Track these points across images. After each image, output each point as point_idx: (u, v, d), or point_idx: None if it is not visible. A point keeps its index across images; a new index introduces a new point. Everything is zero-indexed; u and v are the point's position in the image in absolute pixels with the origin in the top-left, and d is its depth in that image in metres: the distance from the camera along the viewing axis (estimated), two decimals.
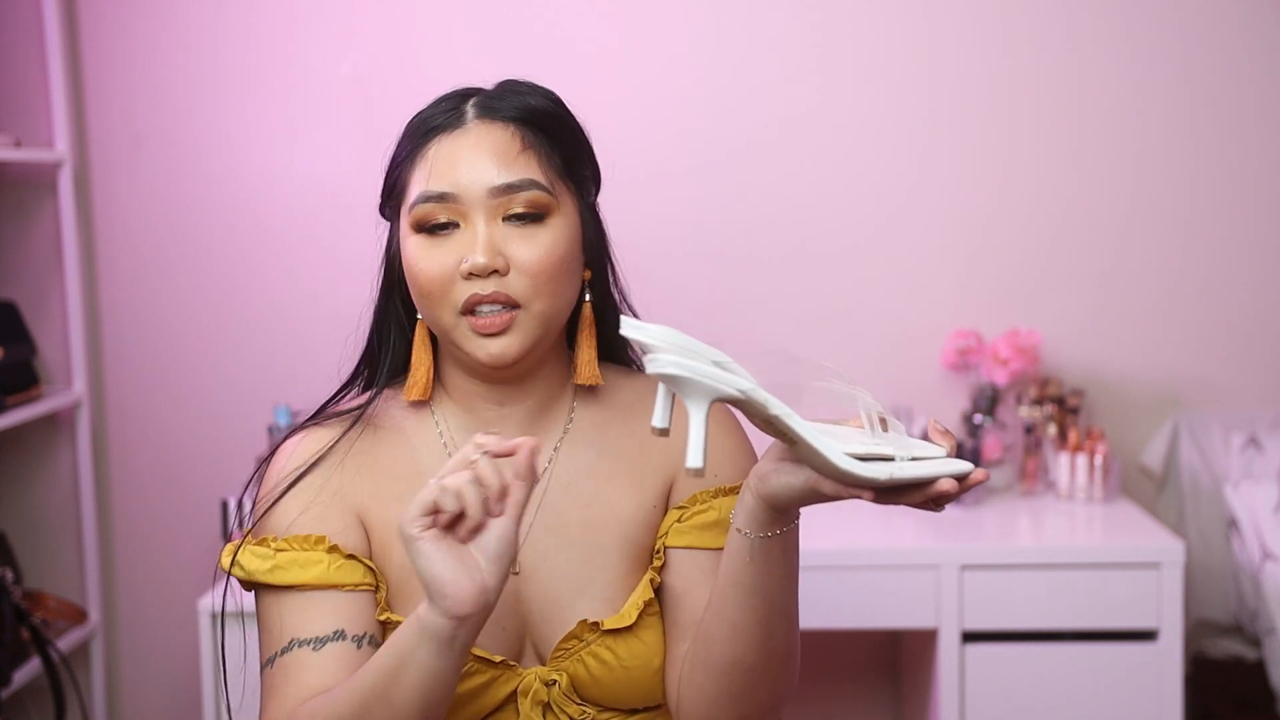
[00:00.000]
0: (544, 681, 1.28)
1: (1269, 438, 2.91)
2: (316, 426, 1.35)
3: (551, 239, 1.26)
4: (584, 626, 1.28)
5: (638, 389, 1.38)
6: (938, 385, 3.01)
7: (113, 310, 3.06)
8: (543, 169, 1.27)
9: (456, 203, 1.25)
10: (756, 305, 3.00)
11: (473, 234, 1.25)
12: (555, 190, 1.28)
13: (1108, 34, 2.97)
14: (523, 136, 1.27)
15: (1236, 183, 2.99)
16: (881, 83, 2.99)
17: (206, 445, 3.05)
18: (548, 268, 1.25)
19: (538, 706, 1.27)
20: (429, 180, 1.26)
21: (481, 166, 1.25)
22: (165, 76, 3.01)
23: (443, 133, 1.28)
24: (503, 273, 1.24)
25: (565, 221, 1.28)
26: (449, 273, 1.24)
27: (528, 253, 1.25)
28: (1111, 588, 2.51)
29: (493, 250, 1.24)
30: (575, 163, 1.32)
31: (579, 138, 1.33)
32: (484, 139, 1.27)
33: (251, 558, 1.27)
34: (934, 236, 3.01)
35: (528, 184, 1.26)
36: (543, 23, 2.98)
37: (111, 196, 3.03)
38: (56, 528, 3.05)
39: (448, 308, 1.25)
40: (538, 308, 1.25)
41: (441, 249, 1.25)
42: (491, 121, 1.28)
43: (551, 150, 1.29)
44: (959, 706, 2.52)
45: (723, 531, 1.29)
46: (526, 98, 1.30)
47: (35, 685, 2.82)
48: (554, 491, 1.32)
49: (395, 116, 1.39)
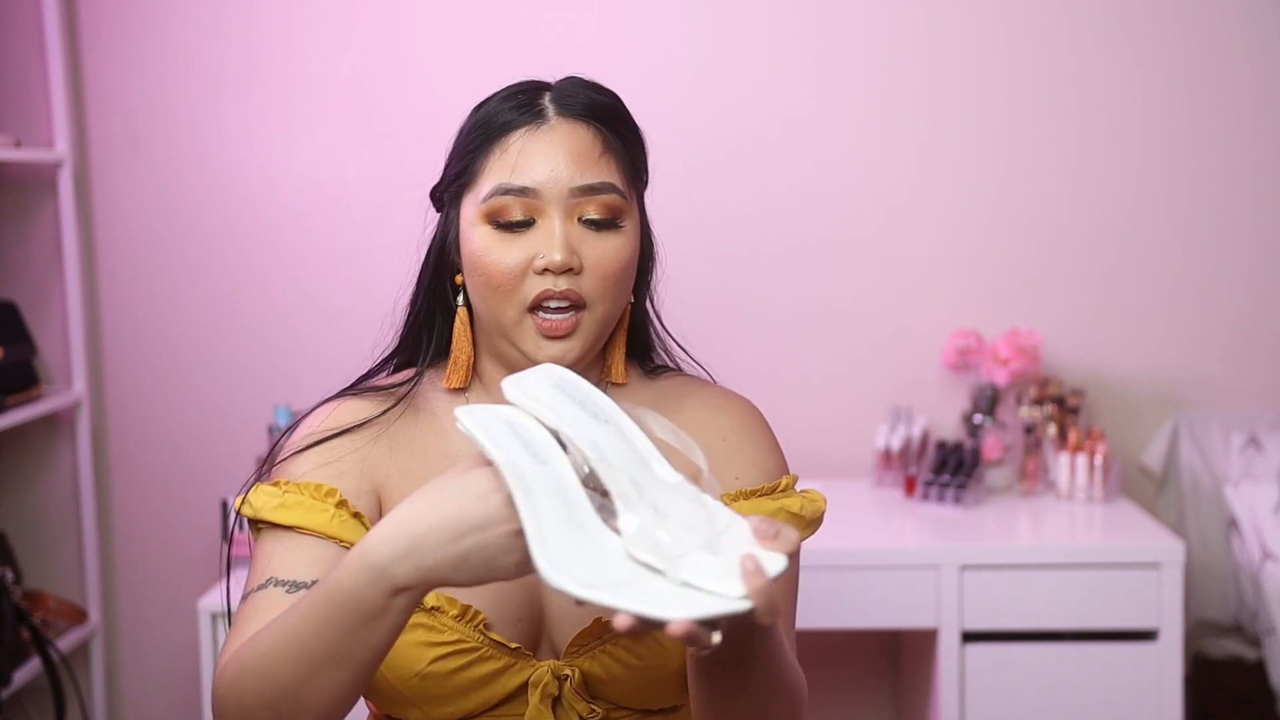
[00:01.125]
0: (556, 676, 1.27)
1: (1269, 438, 2.91)
2: (355, 397, 1.35)
3: (623, 243, 1.27)
4: (600, 624, 1.26)
5: (666, 387, 1.38)
6: (938, 385, 3.01)
7: (113, 310, 3.06)
8: (620, 172, 1.28)
9: (535, 198, 1.25)
10: (756, 305, 3.00)
11: (549, 231, 1.25)
12: (628, 194, 1.29)
13: (1108, 34, 2.97)
14: (603, 138, 1.28)
15: (1236, 183, 2.99)
16: (881, 82, 2.99)
17: (206, 445, 3.05)
18: (617, 271, 1.27)
19: (547, 700, 1.26)
20: (510, 174, 1.26)
21: (563, 165, 1.25)
22: (165, 76, 3.01)
23: (524, 127, 1.28)
24: (576, 272, 1.25)
25: (634, 226, 1.30)
26: (521, 268, 1.25)
27: (601, 255, 1.26)
28: (1111, 588, 2.51)
29: (569, 248, 1.24)
30: (639, 165, 1.33)
31: (641, 140, 1.35)
32: (568, 137, 1.27)
33: (261, 495, 1.26)
34: (934, 236, 3.01)
35: (607, 187, 1.26)
36: (542, 23, 2.98)
37: (111, 196, 3.03)
38: (56, 528, 3.05)
39: (515, 303, 1.25)
40: (600, 310, 1.26)
41: (514, 243, 1.25)
42: (573, 119, 1.28)
43: (624, 153, 1.30)
44: (959, 706, 2.52)
45: None
46: (599, 96, 1.31)
47: (35, 685, 2.82)
48: None
49: (395, 116, 1.39)
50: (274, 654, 1.10)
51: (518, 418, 1.07)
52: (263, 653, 1.11)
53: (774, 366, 3.00)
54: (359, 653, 1.07)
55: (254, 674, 1.11)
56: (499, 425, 1.06)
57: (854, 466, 3.00)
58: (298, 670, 1.08)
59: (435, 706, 1.26)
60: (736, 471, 1.32)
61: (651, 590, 0.97)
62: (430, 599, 1.25)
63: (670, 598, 0.96)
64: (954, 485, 2.78)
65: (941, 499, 2.78)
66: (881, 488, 2.91)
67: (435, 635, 1.24)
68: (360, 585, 1.04)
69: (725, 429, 1.34)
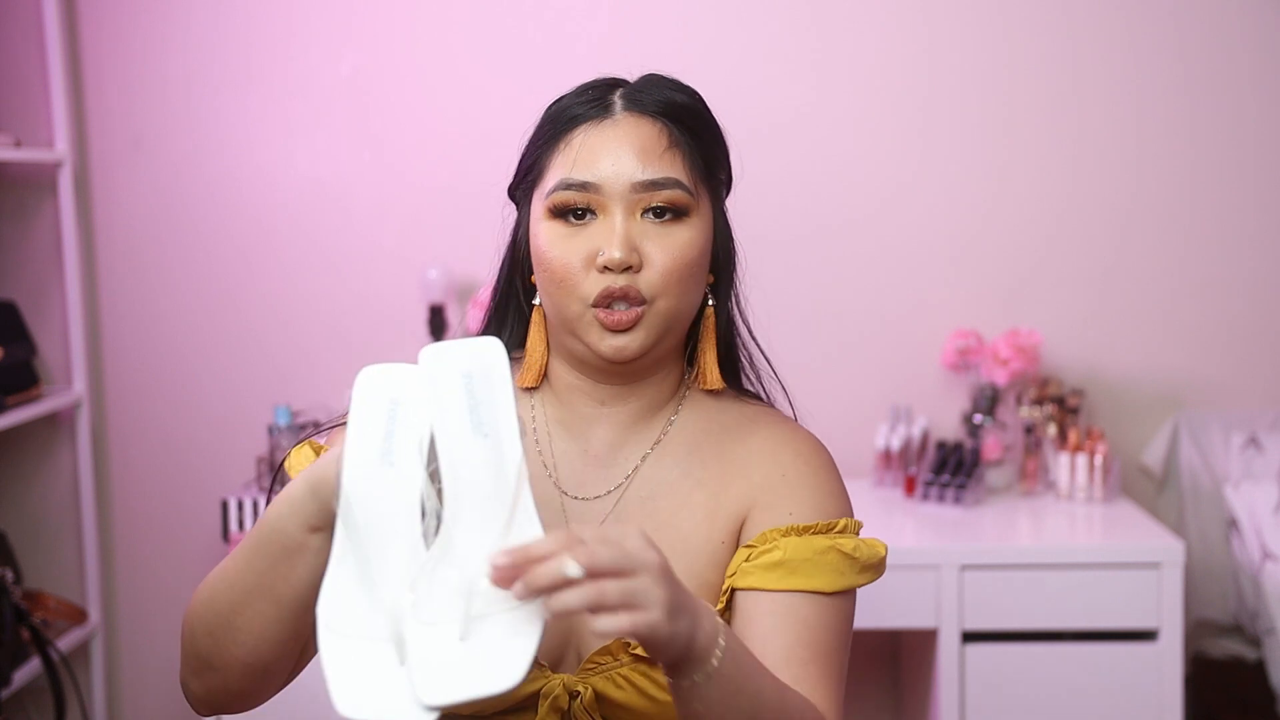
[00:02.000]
0: (568, 691, 1.24)
1: (1269, 438, 2.91)
2: None
3: (687, 239, 1.25)
4: (620, 644, 1.23)
5: (745, 413, 1.35)
6: (938, 385, 3.01)
7: (113, 310, 3.06)
8: (686, 168, 1.26)
9: (597, 193, 1.24)
10: (755, 305, 2.99)
11: (610, 226, 1.23)
12: (696, 191, 1.27)
13: (1107, 34, 2.97)
14: (670, 133, 1.26)
15: (1236, 183, 2.99)
16: (880, 81, 2.99)
17: (206, 445, 3.05)
18: (680, 267, 1.24)
19: (555, 713, 1.23)
20: (572, 168, 1.24)
21: (626, 159, 1.24)
22: (165, 76, 3.01)
23: (589, 122, 1.26)
24: (636, 269, 1.23)
25: (701, 223, 1.27)
26: (582, 262, 1.23)
27: (662, 251, 1.23)
28: (1111, 588, 2.51)
29: (629, 245, 1.22)
30: (715, 164, 1.31)
31: (720, 138, 1.33)
32: (631, 132, 1.25)
33: (299, 455, 1.29)
34: (934, 236, 3.01)
35: (670, 182, 1.24)
36: (540, 22, 2.98)
37: (111, 196, 3.03)
38: (56, 528, 3.05)
39: (577, 298, 1.23)
40: (662, 305, 1.24)
41: (577, 239, 1.24)
42: (640, 115, 1.26)
43: (694, 149, 1.28)
44: (959, 706, 2.52)
45: (789, 573, 1.22)
46: (673, 94, 1.29)
47: (35, 685, 2.82)
48: (630, 503, 1.29)
49: (395, 117, 1.39)
50: (216, 581, 1.16)
51: (407, 401, 1.04)
52: (211, 581, 1.17)
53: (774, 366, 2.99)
54: (281, 588, 1.11)
55: (202, 600, 1.17)
56: (384, 402, 1.04)
57: (854, 466, 2.99)
58: (231, 598, 1.14)
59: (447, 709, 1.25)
60: (791, 508, 1.27)
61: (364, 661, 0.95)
62: None
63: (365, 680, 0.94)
64: (954, 485, 2.78)
65: (941, 499, 2.78)
66: (881, 488, 2.91)
67: None
68: (282, 518, 1.10)
69: (786, 464, 1.30)
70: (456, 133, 2.96)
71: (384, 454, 1.01)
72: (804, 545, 1.23)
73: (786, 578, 1.22)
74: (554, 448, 1.31)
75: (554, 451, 1.31)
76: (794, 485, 1.28)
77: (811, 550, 1.22)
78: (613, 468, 1.30)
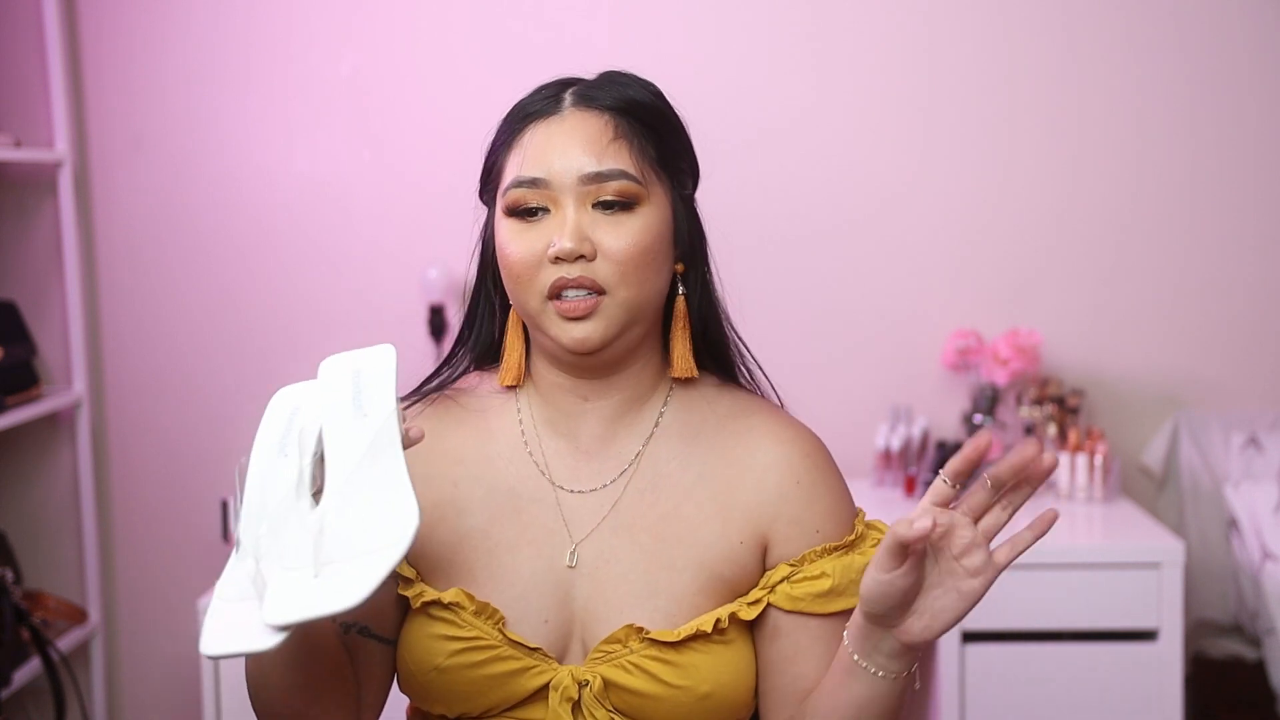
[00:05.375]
0: (577, 680, 1.25)
1: (1269, 438, 2.91)
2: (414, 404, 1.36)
3: (639, 227, 1.26)
4: (629, 631, 1.25)
5: (738, 402, 1.36)
6: (938, 385, 3.01)
7: (113, 310, 3.06)
8: (634, 159, 1.28)
9: (548, 188, 1.26)
10: (755, 305, 2.99)
11: (561, 219, 1.25)
12: (645, 180, 1.28)
13: (1108, 34, 2.97)
14: (616, 126, 1.28)
15: (1236, 183, 2.99)
16: (880, 81, 2.99)
17: (206, 445, 3.05)
18: (634, 255, 1.25)
19: (566, 703, 1.25)
20: (523, 166, 1.27)
21: (573, 154, 1.26)
22: (165, 76, 3.01)
23: (539, 119, 1.29)
24: (589, 258, 1.24)
25: (655, 212, 1.28)
26: (537, 257, 1.25)
27: (614, 240, 1.25)
28: (1111, 588, 2.51)
29: (579, 235, 1.24)
30: (671, 155, 1.32)
31: (676, 130, 1.34)
32: (578, 126, 1.27)
33: None
34: (934, 236, 3.01)
35: (617, 174, 1.26)
36: (539, 23, 2.98)
37: (111, 196, 3.03)
38: (56, 528, 3.05)
39: (535, 292, 1.25)
40: (622, 295, 1.25)
41: (531, 234, 1.26)
42: (588, 110, 1.29)
43: (645, 141, 1.29)
44: (959, 706, 2.52)
45: (836, 597, 1.27)
46: (625, 89, 1.31)
47: (35, 685, 2.82)
48: (630, 494, 1.30)
49: (394, 117, 1.39)
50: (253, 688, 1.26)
51: (304, 406, 1.16)
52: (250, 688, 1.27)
53: (773, 366, 2.98)
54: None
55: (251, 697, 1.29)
56: (286, 410, 1.17)
57: (854, 466, 2.99)
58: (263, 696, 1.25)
59: (456, 702, 1.27)
60: (817, 524, 1.30)
61: (234, 612, 1.04)
62: (448, 595, 1.26)
63: (228, 625, 1.03)
64: None
65: None
66: (881, 488, 2.91)
67: (454, 630, 1.25)
68: None
69: (800, 471, 1.31)
70: (456, 133, 2.95)
71: (280, 448, 1.14)
72: (845, 567, 1.29)
73: (834, 601, 1.28)
74: (544, 446, 1.33)
75: (544, 450, 1.32)
76: (811, 495, 1.31)
77: (854, 571, 1.28)
78: (606, 461, 1.32)
